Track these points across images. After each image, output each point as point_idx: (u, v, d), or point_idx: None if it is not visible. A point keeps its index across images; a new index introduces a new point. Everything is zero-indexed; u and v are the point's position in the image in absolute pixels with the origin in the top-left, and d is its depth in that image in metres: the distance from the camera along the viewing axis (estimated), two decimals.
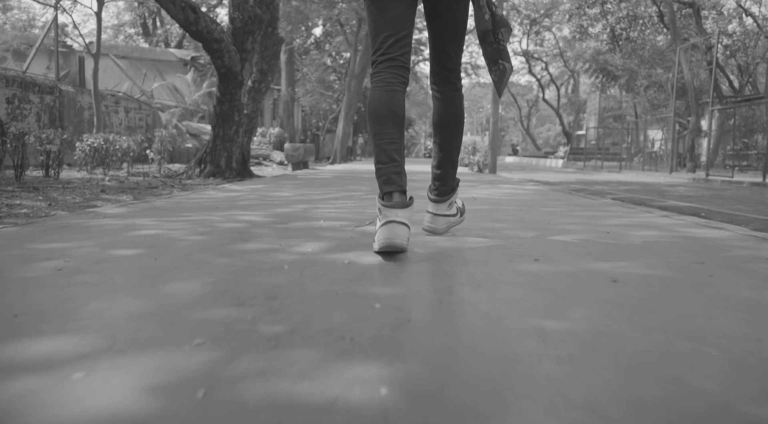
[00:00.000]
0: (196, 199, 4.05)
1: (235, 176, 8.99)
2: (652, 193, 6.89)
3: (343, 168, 13.05)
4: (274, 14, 8.94)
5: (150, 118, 14.80)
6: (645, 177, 13.93)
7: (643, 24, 30.42)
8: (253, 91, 9.19)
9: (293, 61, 22.68)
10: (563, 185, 8.71)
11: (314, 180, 7.03)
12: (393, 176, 1.90)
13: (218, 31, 7.25)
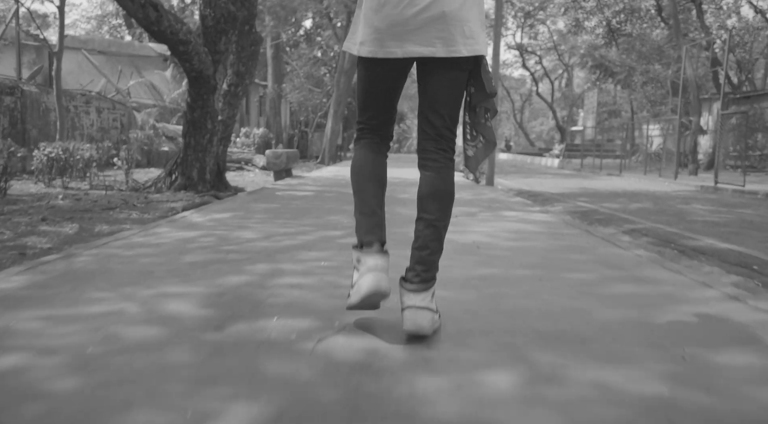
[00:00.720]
0: (136, 248, 3.29)
1: (210, 189, 8.21)
2: (671, 216, 6.19)
3: (330, 174, 12.28)
4: (252, 11, 8.12)
5: (125, 119, 13.94)
6: (649, 183, 13.26)
7: (641, 18, 29.74)
8: (229, 95, 8.38)
9: (280, 56, 21.79)
10: (569, 201, 8.02)
11: (292, 201, 6.26)
12: (374, 228, 1.93)
13: (184, 31, 6.43)
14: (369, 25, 1.81)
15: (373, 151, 2.00)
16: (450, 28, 1.75)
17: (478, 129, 1.99)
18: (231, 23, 7.39)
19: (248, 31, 8.21)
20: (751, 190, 10.01)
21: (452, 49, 1.76)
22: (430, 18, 1.74)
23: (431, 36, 1.76)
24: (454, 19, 1.75)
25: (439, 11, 1.74)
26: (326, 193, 7.24)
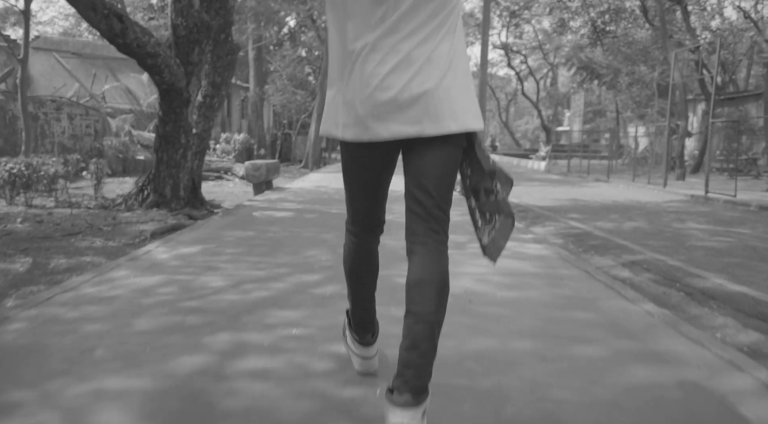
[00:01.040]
0: (83, 306, 2.89)
1: (184, 206, 7.80)
2: (668, 241, 5.91)
3: (312, 185, 11.88)
4: (228, 19, 7.70)
5: (99, 125, 13.40)
6: (638, 191, 13.05)
7: (626, 18, 29.62)
8: (204, 107, 7.96)
9: (262, 58, 21.29)
10: (560, 219, 7.72)
11: (268, 227, 5.87)
12: (368, 324, 2.03)
13: (152, 43, 6.00)
14: (349, 108, 1.66)
15: (366, 249, 1.95)
16: (436, 104, 1.61)
17: (488, 209, 1.78)
18: (205, 33, 6.97)
19: (224, 40, 7.79)
20: (742, 200, 9.80)
21: (441, 126, 1.61)
22: (413, 97, 1.60)
23: (417, 114, 1.61)
24: (439, 95, 1.61)
25: (421, 90, 1.60)
26: (306, 214, 6.86)
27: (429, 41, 1.62)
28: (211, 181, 12.33)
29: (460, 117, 1.64)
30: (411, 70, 1.60)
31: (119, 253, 4.98)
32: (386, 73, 1.61)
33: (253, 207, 7.61)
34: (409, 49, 1.61)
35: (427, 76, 1.61)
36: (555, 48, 42.41)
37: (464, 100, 1.67)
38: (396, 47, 1.61)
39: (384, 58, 1.62)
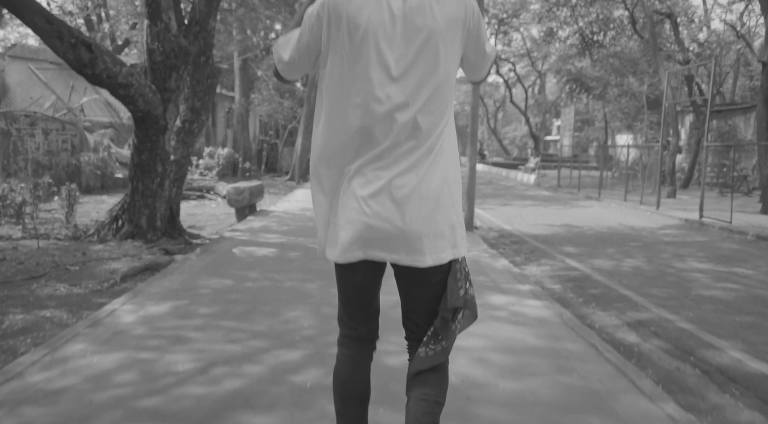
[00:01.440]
0: (24, 408, 2.49)
1: (161, 236, 7.39)
2: (671, 287, 5.64)
3: (297, 208, 11.49)
4: (208, 41, 7.30)
5: (76, 140, 12.91)
6: (631, 213, 12.81)
7: (615, 29, 29.55)
8: (182, 132, 7.55)
9: (248, 68, 20.84)
10: (556, 255, 7.42)
11: (248, 273, 5.49)
12: None
13: (124, 73, 5.60)
14: (344, 233, 1.69)
15: (356, 367, 1.86)
16: (416, 238, 1.65)
17: (441, 333, 1.74)
18: (182, 58, 6.57)
19: (204, 63, 7.39)
20: (739, 228, 9.58)
21: (416, 259, 1.66)
22: (395, 228, 1.64)
23: (395, 245, 1.66)
24: (420, 230, 1.65)
25: (404, 224, 1.64)
26: (289, 251, 6.47)
27: (416, 170, 1.64)
28: (192, 201, 11.90)
29: (440, 250, 1.67)
30: (395, 201, 1.63)
31: (83, 304, 4.59)
32: (371, 200, 1.64)
33: (233, 240, 7.22)
34: (390, 177, 1.63)
35: (413, 212, 1.63)
36: (543, 56, 42.40)
37: (448, 231, 1.69)
38: (379, 175, 1.64)
39: (369, 183, 1.65)
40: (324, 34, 1.64)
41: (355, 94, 1.63)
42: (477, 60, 1.77)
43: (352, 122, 1.64)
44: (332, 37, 1.63)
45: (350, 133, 1.65)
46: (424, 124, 1.64)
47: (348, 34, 1.60)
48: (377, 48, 1.60)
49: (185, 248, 7.01)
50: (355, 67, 1.61)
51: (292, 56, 1.74)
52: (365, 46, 1.60)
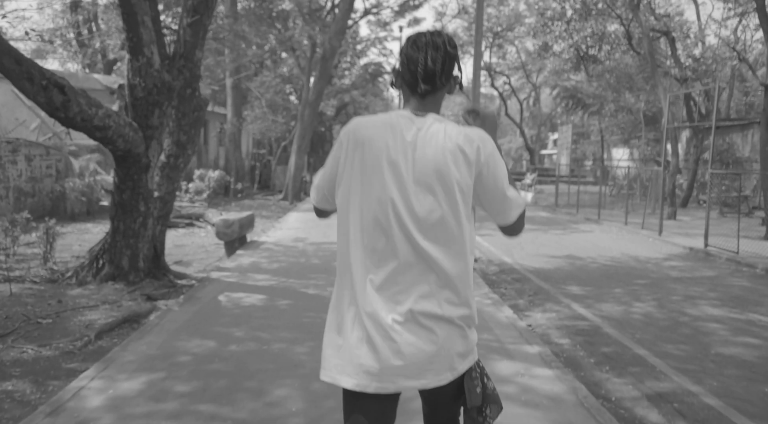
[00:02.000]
0: None
1: (144, 277, 7.01)
2: (687, 341, 5.30)
3: (290, 238, 11.10)
4: (194, 73, 6.95)
5: (61, 165, 12.50)
6: (633, 240, 12.49)
7: (610, 44, 29.44)
8: (167, 168, 7.18)
9: (240, 86, 20.50)
10: (561, 298, 7.07)
11: (234, 330, 5.09)
12: None
13: (100, 116, 5.23)
14: (354, 364, 1.68)
15: None
16: (441, 361, 1.69)
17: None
18: (166, 94, 6.21)
19: (190, 96, 7.03)
20: (746, 260, 9.26)
21: (441, 378, 1.70)
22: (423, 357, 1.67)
23: (423, 369, 1.67)
24: (442, 354, 1.69)
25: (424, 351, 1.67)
26: (279, 298, 6.09)
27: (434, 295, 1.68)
28: (181, 230, 11.50)
29: (458, 365, 1.72)
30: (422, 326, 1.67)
31: (51, 372, 4.20)
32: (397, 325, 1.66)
33: (220, 283, 6.82)
34: (411, 300, 1.67)
35: (431, 337, 1.67)
36: (538, 69, 42.37)
37: (463, 344, 1.73)
38: (399, 299, 1.67)
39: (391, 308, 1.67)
40: (342, 157, 1.74)
41: (366, 213, 1.69)
42: (494, 202, 1.75)
43: (363, 240, 1.70)
44: (348, 160, 1.72)
45: (362, 249, 1.70)
46: (432, 251, 1.67)
47: (362, 158, 1.69)
48: (390, 172, 1.67)
49: (169, 292, 6.61)
50: (368, 190, 1.68)
51: (320, 183, 1.87)
52: (377, 170, 1.67)
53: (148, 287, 6.84)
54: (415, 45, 1.72)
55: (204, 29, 7.05)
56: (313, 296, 6.21)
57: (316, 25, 18.19)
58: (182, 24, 6.80)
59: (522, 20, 39.11)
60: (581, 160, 36.12)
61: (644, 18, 19.61)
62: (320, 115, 28.67)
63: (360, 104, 34.64)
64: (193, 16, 6.74)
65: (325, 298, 6.12)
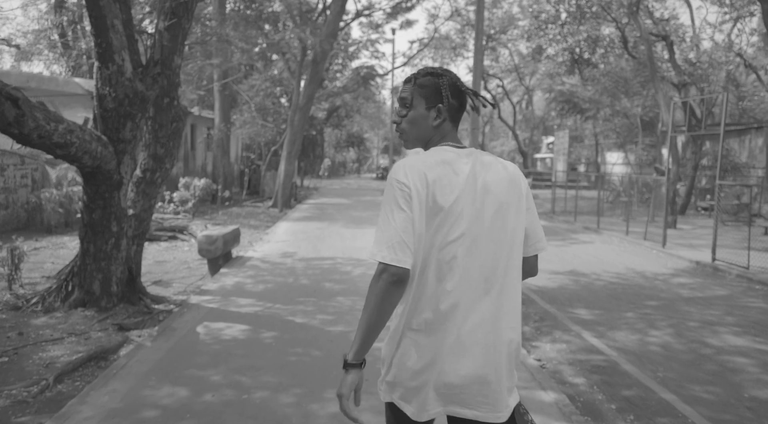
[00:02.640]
0: None
1: (118, 302, 6.46)
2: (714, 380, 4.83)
3: (279, 252, 10.56)
4: (172, 80, 6.40)
5: (37, 174, 11.88)
6: (636, 253, 12.04)
7: (604, 47, 29.10)
8: (143, 183, 6.62)
9: (229, 90, 19.89)
10: (570, 324, 6.58)
11: (211, 373, 4.55)
12: None
13: (60, 132, 4.67)
14: (411, 384, 1.73)
15: None
16: (495, 394, 1.74)
17: None
18: (139, 105, 5.66)
19: (168, 105, 6.48)
20: (759, 276, 8.82)
21: (499, 415, 1.73)
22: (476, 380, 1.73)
23: (477, 401, 1.73)
24: (498, 384, 1.74)
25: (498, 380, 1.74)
26: (263, 330, 5.54)
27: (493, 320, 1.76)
28: (163, 243, 10.92)
29: (512, 401, 1.79)
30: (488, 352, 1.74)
31: None
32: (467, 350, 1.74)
33: (199, 309, 6.27)
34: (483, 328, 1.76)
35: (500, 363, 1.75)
36: (531, 72, 42.10)
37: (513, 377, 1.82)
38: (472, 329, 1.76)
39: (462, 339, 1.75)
40: (415, 203, 1.70)
41: (437, 251, 1.72)
42: (535, 229, 1.89)
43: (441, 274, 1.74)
44: (423, 203, 1.71)
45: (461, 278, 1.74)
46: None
47: (434, 199, 1.71)
48: (463, 207, 1.74)
49: (144, 320, 6.05)
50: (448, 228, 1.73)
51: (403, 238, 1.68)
52: (454, 207, 1.73)
53: (122, 314, 6.29)
54: (452, 77, 1.87)
55: (183, 33, 6.50)
56: (301, 326, 5.67)
57: (306, 28, 17.65)
58: (159, 28, 6.25)
59: (515, 23, 38.77)
60: (575, 164, 35.74)
61: (642, 22, 19.22)
62: (311, 119, 28.10)
63: (352, 107, 34.12)
64: (170, 19, 6.20)
65: (313, 328, 5.60)
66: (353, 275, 8.19)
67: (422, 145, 1.90)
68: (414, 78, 1.88)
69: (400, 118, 1.89)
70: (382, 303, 1.65)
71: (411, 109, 1.86)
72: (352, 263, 9.15)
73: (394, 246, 1.65)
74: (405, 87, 1.90)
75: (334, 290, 7.28)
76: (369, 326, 1.68)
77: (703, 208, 20.67)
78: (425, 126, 1.85)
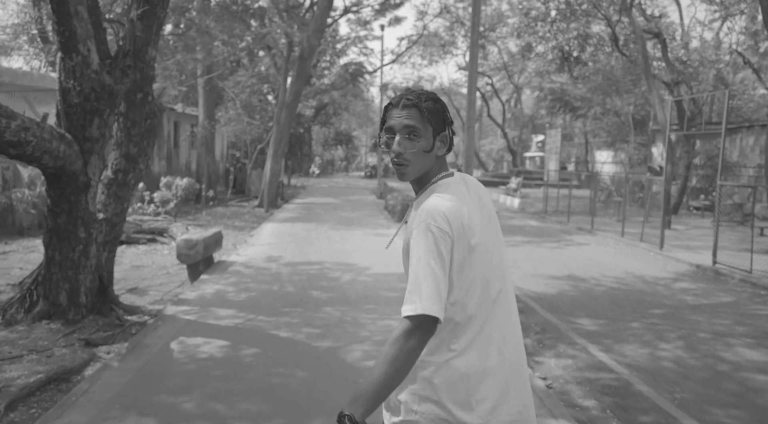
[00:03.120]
0: None
1: (87, 313, 5.99)
2: (738, 404, 4.47)
3: (264, 257, 10.10)
4: (146, 74, 5.91)
5: (8, 173, 11.30)
6: (633, 255, 11.72)
7: (594, 45, 28.85)
8: (115, 185, 6.13)
9: (213, 86, 19.32)
10: (575, 337, 6.20)
11: (183, 400, 4.09)
12: None
13: (13, 129, 4.18)
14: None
15: None
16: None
17: None
18: (108, 100, 5.17)
19: (142, 101, 5.99)
20: (762, 281, 8.50)
21: None
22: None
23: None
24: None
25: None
26: (243, 347, 5.08)
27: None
28: (142, 246, 10.39)
29: None
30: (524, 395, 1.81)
31: None
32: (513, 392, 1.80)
33: (175, 321, 5.79)
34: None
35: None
36: (520, 70, 41.91)
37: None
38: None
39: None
40: (454, 250, 1.70)
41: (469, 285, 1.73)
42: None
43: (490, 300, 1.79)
44: (461, 248, 1.71)
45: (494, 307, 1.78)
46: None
47: (471, 239, 1.72)
48: (489, 239, 1.79)
49: (114, 335, 5.56)
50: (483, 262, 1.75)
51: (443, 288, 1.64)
52: (483, 242, 1.76)
53: (91, 327, 5.79)
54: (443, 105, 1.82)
55: (158, 23, 6.01)
56: (285, 342, 5.22)
57: (293, 23, 17.14)
58: (131, 16, 5.75)
59: (504, 20, 38.45)
60: (564, 163, 35.51)
61: (635, 20, 18.93)
62: (299, 117, 27.56)
63: (340, 105, 33.61)
64: (143, 6, 5.70)
65: (298, 343, 5.15)
66: (342, 282, 7.74)
67: (419, 177, 1.80)
68: (415, 103, 1.75)
69: (405, 149, 1.73)
70: (410, 360, 1.56)
71: (420, 138, 1.74)
72: (340, 268, 8.70)
73: (435, 298, 1.58)
74: (409, 113, 1.74)
75: (322, 298, 6.83)
76: (387, 384, 1.55)
77: (695, 208, 20.46)
78: (431, 156, 1.77)
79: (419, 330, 1.56)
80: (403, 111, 1.74)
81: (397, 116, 1.75)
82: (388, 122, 1.78)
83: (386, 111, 1.79)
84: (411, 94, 1.76)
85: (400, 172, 1.76)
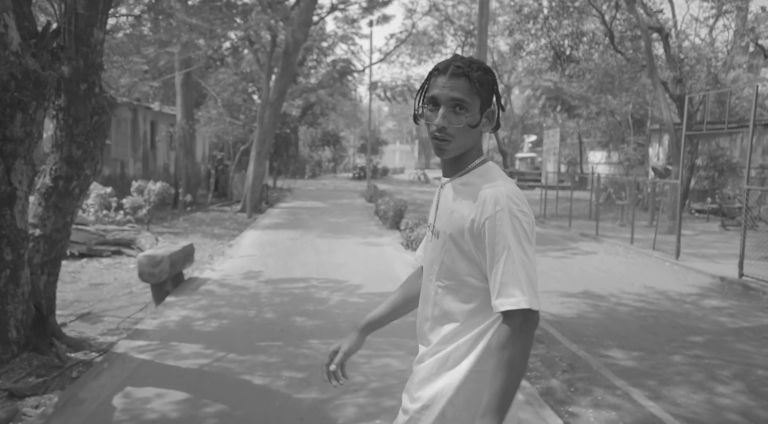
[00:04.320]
0: None
1: (20, 351, 5.05)
2: None
3: (242, 272, 9.04)
4: (92, 60, 4.85)
5: None
6: (647, 266, 10.82)
7: (588, 43, 28.09)
8: (54, 195, 5.06)
9: (192, 84, 18.19)
10: (611, 378, 5.25)
11: None
12: None
13: None
14: None
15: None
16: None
17: None
18: (33, 90, 4.11)
19: (86, 93, 4.92)
20: None
21: None
22: None
23: None
24: None
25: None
26: (207, 402, 4.04)
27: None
28: (105, 260, 9.29)
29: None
30: None
31: None
32: None
33: (125, 364, 4.73)
34: None
35: None
36: (510, 69, 41.28)
37: None
38: None
39: None
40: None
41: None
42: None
43: None
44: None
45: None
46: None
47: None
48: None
49: (47, 381, 4.50)
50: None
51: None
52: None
53: (21, 370, 4.74)
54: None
55: (106, 2, 4.96)
56: (260, 393, 4.18)
57: (277, 16, 16.09)
58: None
59: (495, 18, 37.62)
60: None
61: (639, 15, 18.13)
62: (284, 117, 26.47)
63: (327, 105, 32.55)
64: None
65: (277, 396, 4.12)
66: (330, 305, 6.72)
67: (458, 155, 1.65)
68: (466, 72, 1.57)
69: (450, 124, 1.58)
70: (526, 357, 1.53)
71: (467, 112, 1.59)
72: (328, 286, 7.67)
73: (534, 289, 1.56)
74: (458, 83, 1.57)
75: (307, 327, 5.80)
76: (512, 389, 1.49)
77: (698, 211, 19.70)
78: (476, 133, 1.65)
79: (526, 324, 1.52)
80: (451, 80, 1.58)
81: (444, 86, 1.58)
82: (431, 91, 1.61)
83: (430, 77, 1.62)
84: (461, 61, 1.59)
85: (440, 147, 1.62)
